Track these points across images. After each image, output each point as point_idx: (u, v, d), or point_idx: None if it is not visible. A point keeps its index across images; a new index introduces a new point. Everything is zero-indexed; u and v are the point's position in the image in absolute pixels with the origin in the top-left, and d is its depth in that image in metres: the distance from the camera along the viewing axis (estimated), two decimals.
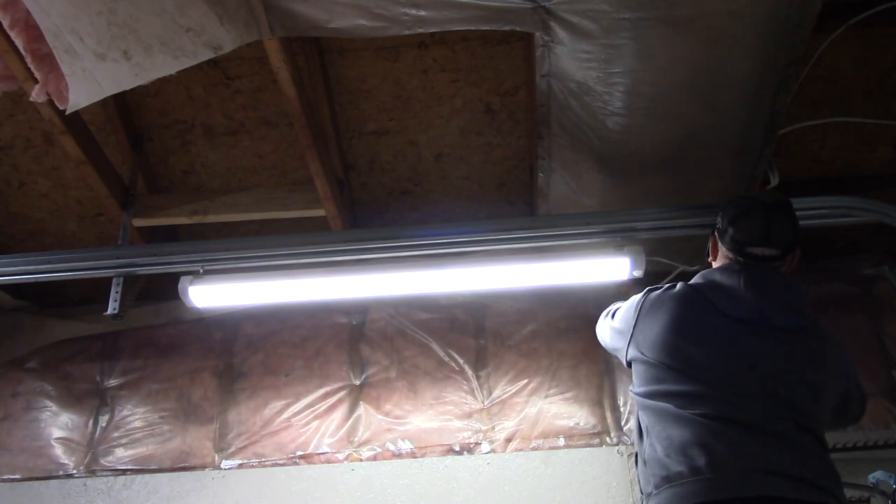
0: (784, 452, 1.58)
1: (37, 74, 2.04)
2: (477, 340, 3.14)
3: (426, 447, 2.91)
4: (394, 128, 2.89)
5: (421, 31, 2.16)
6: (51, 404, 3.18)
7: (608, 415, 2.92)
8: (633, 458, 2.36)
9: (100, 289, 2.69)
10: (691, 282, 1.91)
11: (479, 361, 3.09)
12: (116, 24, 1.93)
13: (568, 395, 2.97)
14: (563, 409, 2.94)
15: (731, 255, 1.89)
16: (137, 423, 3.09)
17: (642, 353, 1.81)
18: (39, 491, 2.97)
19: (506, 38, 2.63)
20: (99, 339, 3.29)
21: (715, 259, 1.98)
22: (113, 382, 3.20)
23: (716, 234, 1.97)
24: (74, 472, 3.00)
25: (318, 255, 2.45)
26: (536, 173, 2.67)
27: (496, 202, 3.11)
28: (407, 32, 2.17)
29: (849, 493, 2.40)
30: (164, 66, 2.08)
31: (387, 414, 3.00)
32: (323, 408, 3.04)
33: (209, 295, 2.51)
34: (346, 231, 2.91)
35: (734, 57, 2.17)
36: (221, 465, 2.96)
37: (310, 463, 2.92)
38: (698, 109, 2.30)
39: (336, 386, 3.08)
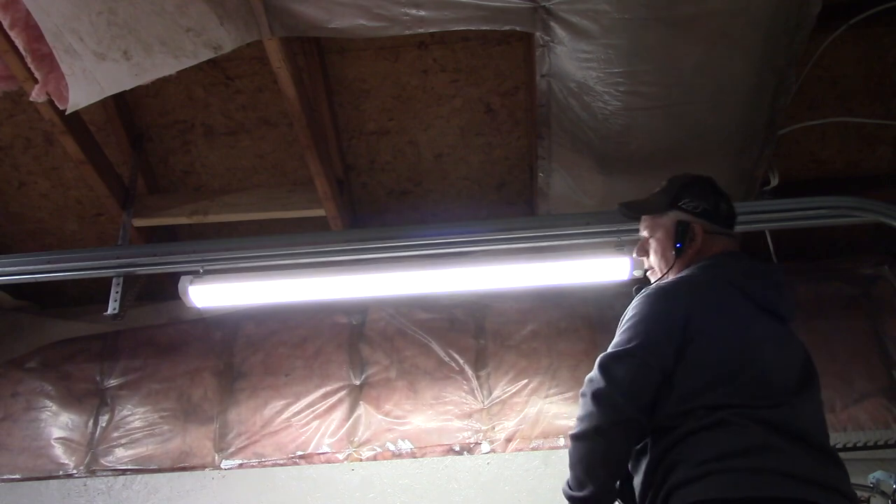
0: (820, 459, 1.45)
1: (37, 74, 2.04)
2: (477, 340, 3.14)
3: (426, 447, 2.91)
4: (394, 128, 2.88)
5: (421, 31, 2.16)
6: (51, 404, 3.18)
7: None
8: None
9: (100, 289, 2.69)
10: (700, 270, 1.69)
11: (479, 361, 3.08)
12: (116, 24, 1.93)
13: (568, 395, 2.97)
14: (563, 409, 2.94)
15: (719, 229, 1.76)
16: (137, 423, 3.08)
17: (688, 353, 1.53)
18: (39, 491, 2.96)
19: (506, 38, 2.63)
20: (99, 339, 3.29)
21: (697, 250, 1.75)
22: (113, 382, 3.20)
23: (695, 225, 1.75)
24: (74, 472, 3.00)
25: (318, 255, 2.46)
26: (536, 173, 2.67)
27: (496, 202, 3.11)
28: (407, 32, 2.17)
29: None
30: (164, 66, 2.08)
31: (387, 414, 3.00)
32: (323, 408, 3.04)
33: (209, 295, 2.51)
34: (346, 231, 2.91)
35: (734, 57, 2.17)
36: (221, 465, 2.96)
37: (310, 463, 2.92)
38: (698, 109, 2.30)
39: (336, 386, 3.08)
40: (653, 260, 1.83)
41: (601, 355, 1.58)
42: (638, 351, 1.54)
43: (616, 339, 1.60)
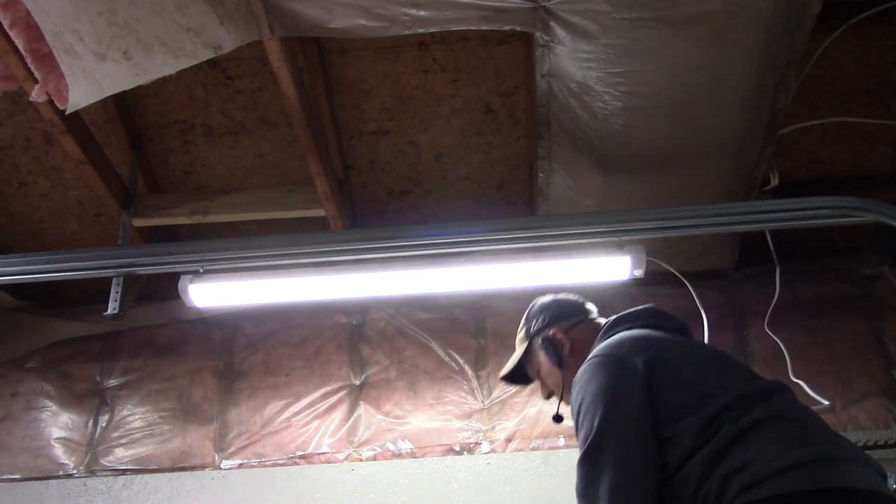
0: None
1: (37, 74, 2.04)
2: (477, 340, 3.14)
3: (426, 447, 2.91)
4: (394, 128, 2.88)
5: (421, 31, 2.16)
6: (51, 404, 3.18)
7: None
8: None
9: (100, 289, 2.68)
10: (602, 342, 1.67)
11: (479, 361, 3.08)
12: (116, 24, 1.93)
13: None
14: (563, 409, 2.94)
15: (573, 321, 1.86)
16: (137, 423, 3.08)
17: (662, 392, 1.46)
18: (39, 491, 2.96)
19: (506, 38, 2.63)
20: (99, 339, 3.29)
21: (571, 349, 1.81)
22: (113, 382, 3.20)
23: (551, 332, 1.85)
24: (74, 472, 3.00)
25: (318, 255, 2.45)
26: (536, 173, 2.67)
27: (496, 202, 3.11)
28: (407, 32, 2.17)
29: None
30: (164, 66, 2.08)
31: (387, 414, 3.00)
32: (323, 408, 3.04)
33: (209, 295, 2.50)
34: (346, 231, 2.91)
35: (734, 57, 2.17)
36: (221, 465, 2.96)
37: (310, 463, 2.92)
38: (698, 109, 2.31)
39: (336, 386, 3.08)
40: (551, 387, 1.89)
41: (579, 457, 1.45)
42: (610, 428, 1.42)
43: (582, 434, 1.46)
